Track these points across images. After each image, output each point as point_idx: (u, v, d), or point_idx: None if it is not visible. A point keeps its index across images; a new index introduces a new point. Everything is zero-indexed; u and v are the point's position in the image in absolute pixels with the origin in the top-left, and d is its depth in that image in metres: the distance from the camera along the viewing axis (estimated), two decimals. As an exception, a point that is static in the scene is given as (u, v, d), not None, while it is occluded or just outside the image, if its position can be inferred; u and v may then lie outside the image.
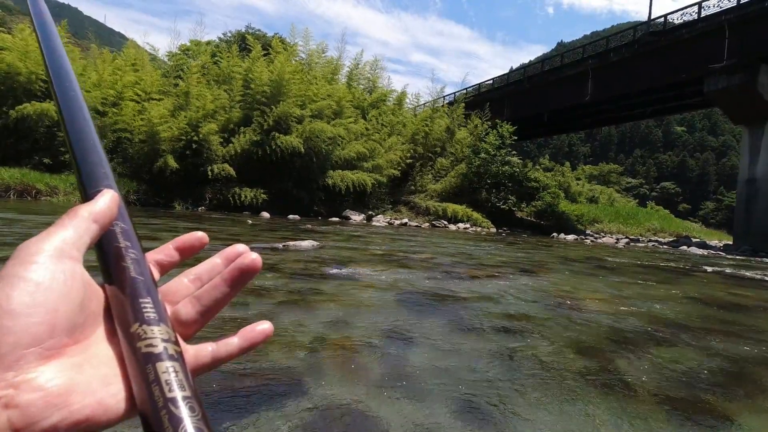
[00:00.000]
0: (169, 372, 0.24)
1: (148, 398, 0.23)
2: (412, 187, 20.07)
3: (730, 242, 19.42)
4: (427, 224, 16.87)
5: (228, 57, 17.71)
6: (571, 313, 3.00)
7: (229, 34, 33.11)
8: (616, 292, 4.00)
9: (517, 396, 1.62)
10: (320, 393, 1.51)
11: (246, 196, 14.23)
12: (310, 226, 10.29)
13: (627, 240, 19.32)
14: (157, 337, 0.25)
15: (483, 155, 19.31)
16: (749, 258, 11.97)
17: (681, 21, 18.94)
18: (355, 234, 8.92)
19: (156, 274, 0.33)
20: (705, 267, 7.46)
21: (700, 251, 14.38)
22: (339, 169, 16.72)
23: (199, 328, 0.32)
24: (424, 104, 25.09)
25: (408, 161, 19.91)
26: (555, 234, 17.77)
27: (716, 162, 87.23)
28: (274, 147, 14.82)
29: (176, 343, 0.26)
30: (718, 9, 17.33)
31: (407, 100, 24.26)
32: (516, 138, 20.39)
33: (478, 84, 30.43)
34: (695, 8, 18.22)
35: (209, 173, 14.15)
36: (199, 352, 0.30)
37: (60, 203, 11.09)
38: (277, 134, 15.00)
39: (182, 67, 16.78)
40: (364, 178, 16.77)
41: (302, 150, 15.04)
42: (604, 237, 19.84)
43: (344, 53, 23.24)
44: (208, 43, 24.75)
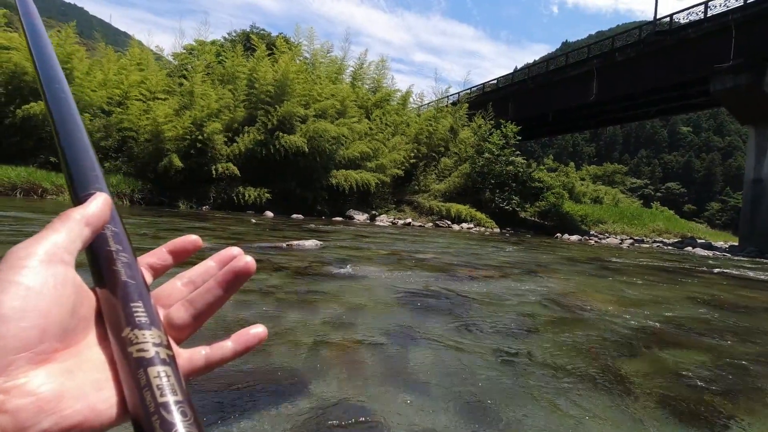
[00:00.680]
0: (160, 376, 0.24)
1: (139, 403, 0.23)
2: (416, 187, 20.06)
3: (736, 243, 19.29)
4: (431, 224, 16.86)
5: (232, 57, 17.76)
6: (574, 313, 2.99)
7: (233, 34, 33.21)
8: (620, 293, 3.99)
9: (520, 396, 1.62)
10: (323, 392, 1.52)
11: (250, 196, 14.28)
12: (313, 225, 10.31)
13: (631, 241, 19.24)
14: (149, 341, 0.25)
15: (487, 155, 19.27)
16: (755, 259, 11.88)
17: (687, 21, 18.82)
18: (359, 234, 8.93)
19: (148, 278, 0.32)
20: (710, 268, 7.42)
21: (705, 252, 14.29)
22: (343, 168, 16.73)
23: (192, 331, 0.32)
24: (428, 104, 25.07)
25: (412, 161, 19.90)
26: (559, 234, 17.71)
27: (722, 162, 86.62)
28: (277, 146, 14.85)
29: (168, 347, 0.26)
30: (725, 8, 17.20)
31: (411, 100, 24.26)
32: (520, 138, 20.33)
33: (482, 84, 30.33)
34: (701, 8, 18.10)
35: (213, 172, 14.21)
36: (192, 355, 0.30)
37: (65, 202, 11.16)
38: (281, 134, 15.03)
39: (187, 67, 16.84)
40: (368, 178, 16.78)
41: (306, 150, 15.07)
42: (608, 238, 19.76)
43: (348, 53, 23.19)
44: (212, 42, 24.84)
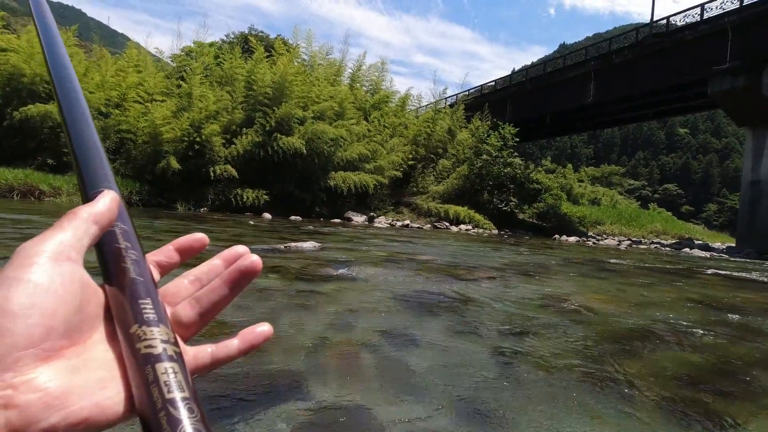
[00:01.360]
0: (168, 373, 0.24)
1: (147, 399, 0.23)
2: (414, 189, 20.08)
3: (734, 244, 19.35)
4: (429, 226, 16.87)
5: (231, 58, 17.77)
6: (571, 314, 2.99)
7: (232, 36, 33.23)
8: (618, 294, 3.99)
9: (518, 397, 1.62)
10: (321, 394, 1.52)
11: (248, 197, 14.27)
12: (311, 227, 10.31)
13: (629, 242, 19.28)
14: (157, 338, 0.25)
15: (485, 157, 19.30)
16: (752, 260, 11.91)
17: (684, 23, 18.92)
18: (357, 235, 8.93)
19: (156, 276, 0.33)
20: (707, 269, 7.44)
21: (702, 253, 14.33)
22: (341, 170, 16.74)
23: (198, 329, 0.32)
24: (426, 105, 25.11)
25: (410, 162, 19.92)
26: (557, 236, 17.74)
27: (719, 164, 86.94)
28: (276, 148, 14.85)
29: (176, 344, 0.26)
30: (721, 11, 17.31)
31: (409, 102, 24.30)
32: (518, 139, 20.39)
33: (480, 85, 30.42)
34: (698, 10, 18.20)
35: (211, 174, 14.20)
36: (198, 353, 0.30)
37: (63, 204, 11.13)
38: (279, 135, 15.03)
39: (185, 68, 16.85)
40: (366, 180, 16.78)
41: (304, 151, 15.07)
42: (606, 239, 19.80)
43: (347, 55, 23.22)
44: (211, 44, 24.84)
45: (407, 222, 16.73)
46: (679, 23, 19.16)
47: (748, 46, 16.07)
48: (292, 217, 13.58)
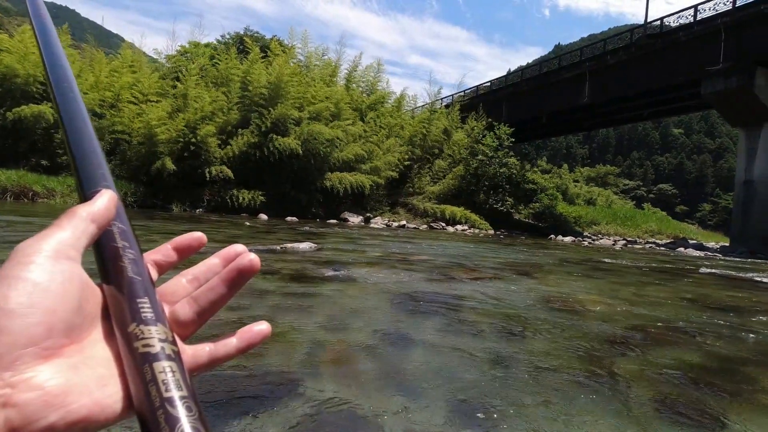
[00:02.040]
0: (166, 372, 0.24)
1: (145, 398, 0.23)
2: (410, 189, 20.09)
3: (727, 244, 19.49)
4: (425, 226, 16.89)
5: (226, 59, 17.72)
6: (567, 314, 3.01)
7: (227, 36, 33.14)
8: (613, 294, 4.01)
9: (514, 397, 1.63)
10: (318, 394, 1.52)
11: (244, 198, 14.23)
12: (308, 228, 10.29)
13: (624, 242, 19.38)
14: (155, 337, 0.25)
15: (480, 157, 19.35)
16: (746, 260, 12.01)
17: (677, 24, 19.04)
18: (353, 236, 8.92)
19: (154, 274, 0.32)
20: (702, 269, 7.49)
21: (697, 253, 14.43)
22: (337, 170, 16.73)
23: (196, 328, 0.32)
24: (422, 106, 25.14)
25: (406, 163, 19.94)
26: (553, 236, 17.81)
27: (713, 164, 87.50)
28: (272, 149, 14.83)
29: (173, 343, 0.26)
30: (714, 12, 17.43)
31: (405, 102, 24.32)
32: (513, 140, 20.45)
33: (476, 86, 30.49)
34: (691, 11, 18.33)
35: (207, 175, 14.16)
36: (196, 352, 0.30)
37: (57, 205, 11.06)
38: (275, 136, 15.01)
39: (180, 69, 16.80)
40: (362, 180, 16.78)
41: (300, 152, 15.05)
42: (601, 239, 19.90)
43: (343, 55, 23.19)
44: (206, 45, 24.77)
45: (403, 222, 16.74)
46: (672, 24, 19.29)
47: (741, 47, 16.20)
48: (289, 218, 13.55)
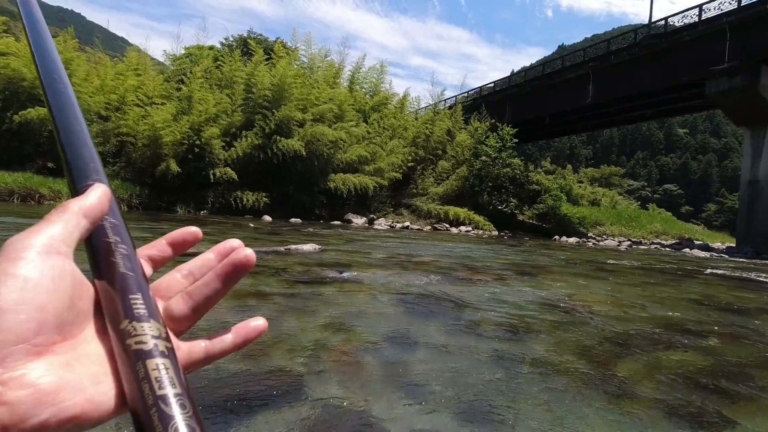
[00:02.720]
0: (159, 369, 0.23)
1: (138, 396, 0.23)
2: (414, 190, 20.09)
3: (733, 244, 19.34)
4: (429, 227, 16.87)
5: (230, 61, 17.80)
6: (572, 315, 3.00)
7: (231, 39, 33.26)
8: (618, 295, 4.00)
9: (518, 399, 1.63)
10: (321, 396, 1.53)
11: (248, 200, 14.28)
12: (311, 229, 10.31)
13: (629, 243, 19.27)
14: (147, 333, 0.25)
15: (484, 158, 19.32)
16: (752, 260, 11.92)
17: (682, 23, 18.96)
18: (357, 237, 8.93)
19: (148, 270, 0.32)
20: (707, 269, 7.44)
21: (702, 253, 14.34)
22: (340, 172, 16.76)
23: (191, 324, 0.31)
24: (425, 107, 25.15)
25: (409, 164, 19.94)
26: (557, 237, 17.75)
27: (718, 164, 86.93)
28: (275, 150, 14.88)
29: (167, 339, 0.26)
30: (719, 11, 17.35)
31: (408, 103, 24.33)
32: (517, 140, 20.41)
33: (479, 87, 30.46)
34: (696, 11, 18.24)
35: (211, 177, 14.22)
36: (191, 348, 0.30)
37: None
38: (278, 138, 15.06)
39: (185, 72, 16.89)
40: (366, 182, 16.80)
41: (304, 153, 15.10)
42: (606, 240, 19.81)
43: (346, 57, 23.27)
44: (210, 47, 24.89)
45: (407, 224, 16.74)
46: (677, 24, 19.21)
47: (746, 47, 16.11)
48: (292, 220, 13.59)
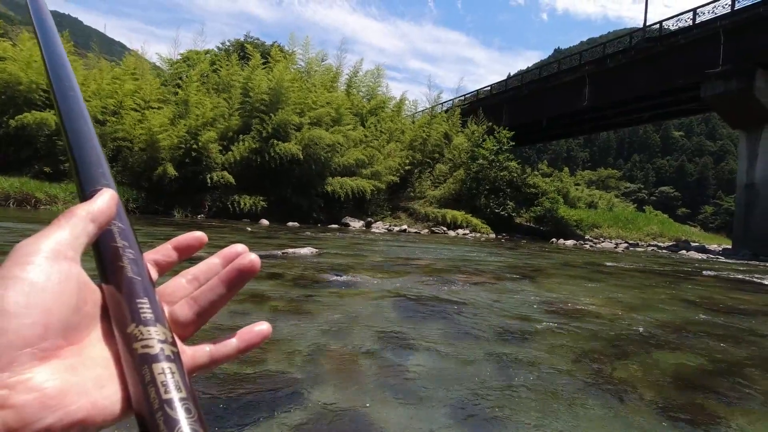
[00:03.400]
0: (165, 373, 0.24)
1: (144, 400, 0.23)
2: (411, 194, 20.10)
3: (730, 246, 19.42)
4: (426, 230, 16.88)
5: (227, 65, 17.82)
6: (569, 317, 3.00)
7: (227, 43, 33.30)
8: (615, 297, 4.01)
9: (516, 401, 1.63)
10: (319, 399, 1.52)
11: (245, 204, 14.26)
12: (309, 233, 10.30)
13: (626, 245, 19.32)
14: (154, 337, 0.25)
15: (481, 161, 19.37)
16: (748, 262, 11.97)
17: (676, 27, 19.10)
18: (355, 241, 8.93)
19: (154, 274, 0.32)
20: (704, 271, 7.47)
21: (699, 255, 14.38)
22: (338, 175, 16.76)
23: (196, 329, 0.31)
24: (422, 111, 25.21)
25: (407, 167, 19.96)
26: (554, 239, 17.78)
27: (714, 166, 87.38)
28: (272, 154, 14.88)
29: (173, 343, 0.26)
30: (713, 15, 17.49)
31: (405, 107, 24.39)
32: (514, 143, 20.46)
33: (476, 90, 30.59)
34: (690, 14, 18.40)
35: (208, 181, 14.19)
36: (196, 352, 0.30)
37: (59, 212, 11.03)
38: (275, 142, 15.06)
39: (182, 76, 16.89)
40: (363, 185, 16.81)
41: (301, 157, 15.10)
42: (603, 242, 19.85)
43: (343, 61, 23.30)
44: (207, 52, 24.91)
45: (405, 227, 16.74)
46: (672, 28, 19.35)
47: (741, 50, 16.23)
48: (290, 224, 13.57)
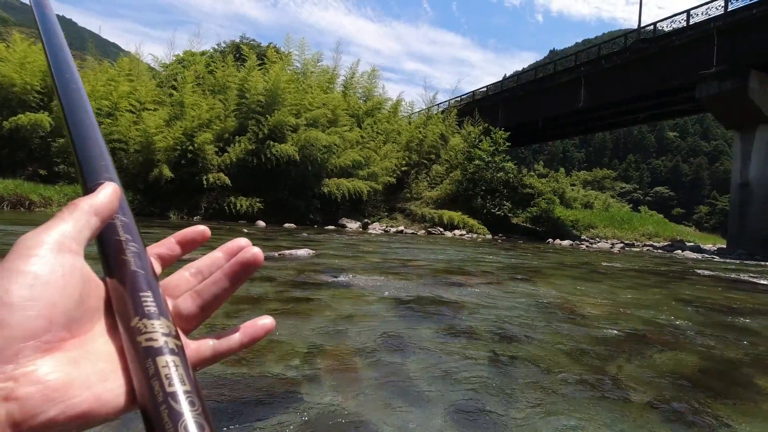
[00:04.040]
0: (169, 366, 0.24)
1: (148, 393, 0.23)
2: (408, 195, 20.11)
3: (724, 246, 19.54)
4: (423, 231, 16.88)
5: (223, 67, 17.78)
6: (565, 318, 3.01)
7: (223, 44, 33.25)
8: (611, 297, 4.02)
9: (513, 402, 1.62)
10: (316, 401, 1.51)
11: (241, 205, 14.21)
12: (306, 234, 10.28)
13: (622, 245, 19.39)
14: (158, 331, 0.25)
15: (477, 162, 19.41)
16: (743, 261, 12.04)
17: (670, 28, 19.24)
18: (351, 242, 8.92)
19: (157, 268, 0.32)
20: (699, 271, 7.51)
21: (694, 255, 14.46)
22: (335, 177, 16.74)
23: (200, 322, 0.32)
24: (418, 112, 25.23)
25: (403, 168, 19.97)
26: (550, 240, 17.82)
27: (709, 166, 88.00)
28: (269, 156, 14.84)
29: (177, 337, 0.26)
30: (707, 16, 17.62)
31: (401, 108, 24.40)
32: (510, 144, 20.53)
33: (472, 91, 30.67)
34: (684, 16, 18.52)
35: (204, 182, 14.14)
36: (200, 346, 0.30)
37: (53, 214, 10.98)
38: (272, 143, 15.03)
39: (176, 77, 16.83)
40: (360, 186, 16.79)
41: (297, 158, 15.08)
42: (599, 242, 19.92)
43: (339, 62, 23.28)
44: (202, 53, 24.85)
45: (401, 228, 16.74)
46: (666, 29, 19.48)
47: (734, 51, 16.36)
48: (286, 225, 13.54)
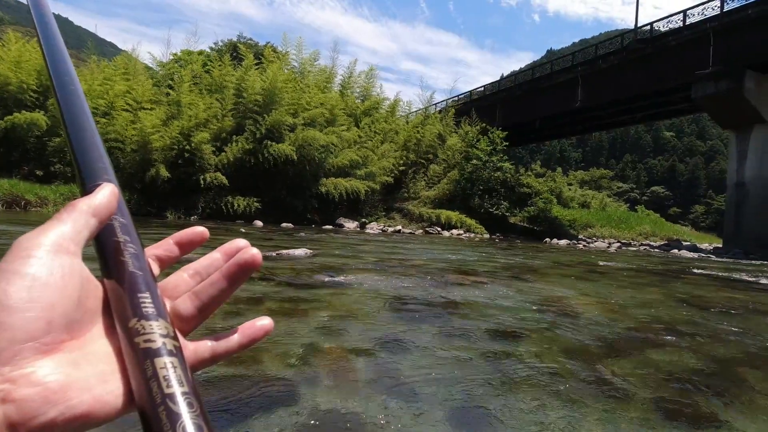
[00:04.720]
0: (167, 367, 0.24)
1: (146, 394, 0.23)
2: (405, 194, 20.11)
3: (720, 245, 19.63)
4: (421, 231, 16.89)
5: (220, 66, 17.72)
6: (562, 317, 3.01)
7: (220, 44, 33.15)
8: (608, 296, 4.03)
9: (510, 401, 1.63)
10: (313, 401, 1.51)
11: (239, 205, 14.18)
12: (303, 234, 10.27)
13: (619, 244, 19.46)
14: (156, 332, 0.25)
15: (475, 161, 19.43)
16: (739, 261, 12.10)
17: (667, 29, 19.31)
18: (349, 242, 8.91)
19: (155, 269, 0.32)
20: (696, 270, 7.54)
21: (690, 254, 14.52)
22: (332, 176, 16.73)
23: (198, 323, 0.31)
24: (416, 111, 25.24)
25: (401, 168, 19.97)
26: (548, 239, 17.86)
27: (705, 166, 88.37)
28: (266, 155, 14.82)
29: (175, 338, 0.26)
30: (702, 17, 17.70)
31: (399, 108, 24.39)
32: (507, 144, 20.57)
33: (469, 91, 30.72)
34: (680, 16, 18.60)
35: (201, 182, 14.10)
36: (198, 347, 0.30)
37: (49, 214, 10.94)
38: (269, 142, 15.00)
39: (173, 76, 16.78)
40: (358, 186, 16.78)
41: (295, 158, 15.06)
42: (596, 241, 19.98)
43: (337, 62, 23.26)
44: (199, 53, 24.78)
45: (399, 227, 16.74)
46: (662, 29, 19.55)
47: (730, 51, 16.44)
48: (284, 224, 13.52)
